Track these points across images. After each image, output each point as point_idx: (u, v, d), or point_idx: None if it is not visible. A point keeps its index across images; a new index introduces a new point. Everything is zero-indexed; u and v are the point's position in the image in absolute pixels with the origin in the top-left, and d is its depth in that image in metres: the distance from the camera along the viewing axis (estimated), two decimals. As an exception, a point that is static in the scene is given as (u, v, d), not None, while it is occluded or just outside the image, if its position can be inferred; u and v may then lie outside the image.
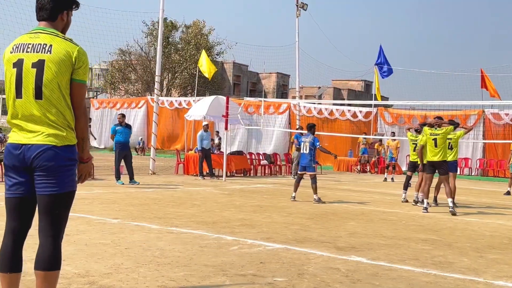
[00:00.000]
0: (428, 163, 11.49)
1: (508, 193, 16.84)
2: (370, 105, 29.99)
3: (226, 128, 17.95)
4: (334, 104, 33.70)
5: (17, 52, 3.39)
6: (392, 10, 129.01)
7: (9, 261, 3.40)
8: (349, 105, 33.15)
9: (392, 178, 20.89)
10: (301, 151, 12.49)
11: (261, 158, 22.72)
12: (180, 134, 32.42)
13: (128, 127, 15.01)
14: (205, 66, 26.33)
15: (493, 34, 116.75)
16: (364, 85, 56.43)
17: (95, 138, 34.05)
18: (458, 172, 16.48)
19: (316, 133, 12.68)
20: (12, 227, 3.47)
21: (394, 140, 21.29)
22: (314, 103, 32.70)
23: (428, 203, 11.33)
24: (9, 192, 3.46)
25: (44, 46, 3.34)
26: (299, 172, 12.62)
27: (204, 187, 14.62)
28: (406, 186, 13.27)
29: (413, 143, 13.13)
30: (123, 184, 14.08)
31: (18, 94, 3.35)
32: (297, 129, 23.74)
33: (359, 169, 26.08)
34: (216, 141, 24.75)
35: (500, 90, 29.09)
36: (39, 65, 3.31)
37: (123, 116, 15.20)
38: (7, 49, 3.46)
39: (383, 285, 5.08)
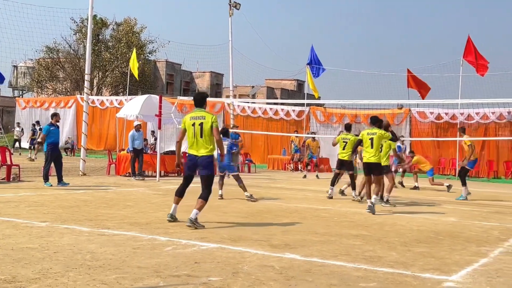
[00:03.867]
0: (364, 164, 11.30)
1: (415, 187, 17.55)
2: (303, 104, 30.49)
3: (159, 128, 17.75)
4: (267, 103, 34.01)
5: (193, 119, 8.20)
6: (323, 12, 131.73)
7: (180, 192, 8.37)
8: (282, 104, 33.54)
9: (317, 175, 22.31)
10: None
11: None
12: (111, 133, 31.71)
13: (58, 127, 14.57)
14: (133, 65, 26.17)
15: (420, 37, 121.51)
16: (297, 84, 57.31)
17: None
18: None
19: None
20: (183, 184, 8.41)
21: (314, 140, 23.40)
22: (248, 102, 32.88)
23: (372, 202, 10.97)
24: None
25: (202, 117, 8.18)
26: (219, 172, 12.61)
27: (137, 188, 14.38)
28: (333, 182, 13.56)
29: (343, 141, 13.47)
30: (51, 186, 13.60)
31: (195, 136, 8.12)
32: (231, 128, 23.77)
33: (292, 167, 26.46)
34: (152, 141, 24.33)
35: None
36: (200, 125, 8.10)
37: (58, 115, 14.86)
38: (187, 117, 8.28)
39: (316, 281, 5.17)
